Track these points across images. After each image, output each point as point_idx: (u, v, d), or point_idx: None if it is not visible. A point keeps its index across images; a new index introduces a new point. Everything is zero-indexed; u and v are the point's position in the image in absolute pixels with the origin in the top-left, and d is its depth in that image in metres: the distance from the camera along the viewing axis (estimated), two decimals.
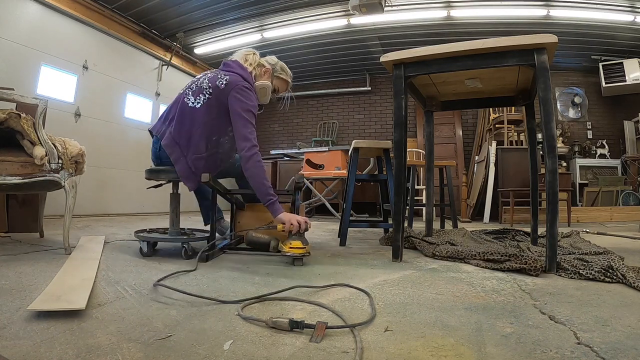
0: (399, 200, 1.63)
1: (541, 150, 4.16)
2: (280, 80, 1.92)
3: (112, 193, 4.47)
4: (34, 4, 3.69)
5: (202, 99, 1.66)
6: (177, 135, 1.67)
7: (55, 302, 0.88)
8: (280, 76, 1.91)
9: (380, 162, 2.66)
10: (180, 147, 1.66)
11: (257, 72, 1.84)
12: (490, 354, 0.65)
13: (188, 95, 1.70)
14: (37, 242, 1.97)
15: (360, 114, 6.79)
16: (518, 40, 1.44)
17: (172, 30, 5.05)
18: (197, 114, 1.66)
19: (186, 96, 1.70)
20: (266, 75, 1.86)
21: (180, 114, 1.69)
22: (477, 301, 0.99)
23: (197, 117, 1.66)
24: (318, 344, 0.70)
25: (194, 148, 1.65)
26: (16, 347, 0.65)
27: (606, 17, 4.35)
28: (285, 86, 1.97)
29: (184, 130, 1.66)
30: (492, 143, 4.53)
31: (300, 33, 5.01)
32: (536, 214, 2.01)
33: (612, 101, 5.61)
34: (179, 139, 1.66)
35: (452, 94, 2.18)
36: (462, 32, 4.72)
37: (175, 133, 1.67)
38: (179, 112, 1.70)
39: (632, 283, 1.13)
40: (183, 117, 1.68)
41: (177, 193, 1.76)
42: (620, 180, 5.01)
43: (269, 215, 1.62)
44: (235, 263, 1.53)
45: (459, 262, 1.59)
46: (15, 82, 3.11)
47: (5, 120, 1.54)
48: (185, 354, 0.65)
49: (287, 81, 1.96)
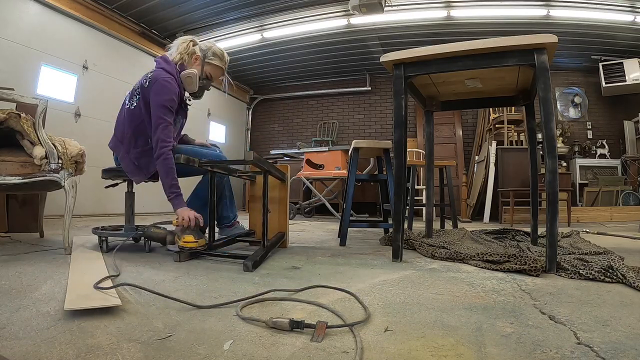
0: (399, 200, 1.63)
1: (541, 150, 4.16)
2: (212, 66, 1.86)
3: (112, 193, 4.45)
4: (34, 4, 3.70)
5: (135, 100, 1.76)
6: (120, 135, 1.81)
7: (89, 300, 0.89)
8: (212, 62, 1.85)
9: (380, 162, 2.66)
10: (123, 145, 1.79)
11: (187, 60, 1.82)
12: (490, 354, 0.65)
13: (127, 99, 1.82)
14: (37, 242, 1.97)
15: (360, 114, 6.79)
16: (518, 40, 1.44)
17: (172, 30, 5.05)
18: (130, 115, 1.76)
19: (126, 100, 1.82)
20: (196, 63, 1.83)
21: (120, 115, 1.84)
22: (477, 301, 0.99)
23: (130, 117, 1.76)
24: (319, 343, 0.70)
25: (133, 143, 1.76)
26: (16, 347, 0.65)
27: (606, 17, 4.35)
28: (219, 72, 1.90)
29: (124, 130, 1.79)
30: (492, 143, 4.53)
31: (300, 33, 5.01)
32: (536, 214, 2.01)
33: (612, 101, 5.61)
34: (121, 138, 1.80)
35: (452, 94, 2.17)
36: (462, 32, 4.72)
37: (118, 133, 1.83)
38: (120, 115, 1.86)
39: (632, 283, 1.13)
40: (122, 118, 1.82)
41: (131, 192, 1.92)
42: (620, 180, 5.01)
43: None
44: (233, 264, 1.52)
45: (458, 263, 1.59)
46: (15, 82, 3.11)
47: (5, 120, 1.54)
48: (185, 354, 0.65)
49: (219, 67, 1.88)
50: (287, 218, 2.07)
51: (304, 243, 2.29)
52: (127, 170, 1.79)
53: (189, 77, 1.79)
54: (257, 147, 7.33)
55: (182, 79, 1.79)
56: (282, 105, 7.28)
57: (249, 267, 1.37)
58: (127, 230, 1.84)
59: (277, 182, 2.05)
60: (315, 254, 1.83)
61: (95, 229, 1.82)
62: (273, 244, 1.78)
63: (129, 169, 1.78)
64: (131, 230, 1.84)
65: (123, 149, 1.79)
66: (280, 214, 2.05)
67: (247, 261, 1.39)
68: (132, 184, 1.90)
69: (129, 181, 1.90)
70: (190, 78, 1.79)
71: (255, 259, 1.43)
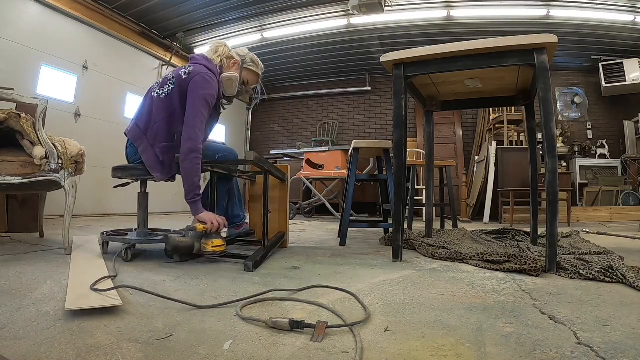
0: (399, 200, 1.63)
1: (541, 150, 4.16)
2: (250, 72, 1.88)
3: (112, 193, 4.45)
4: (34, 4, 3.70)
5: (167, 89, 1.65)
6: (144, 125, 1.67)
7: (89, 300, 0.89)
8: (250, 68, 1.87)
9: (380, 162, 2.66)
10: (147, 137, 1.65)
11: (226, 64, 1.81)
12: (490, 354, 0.65)
13: (155, 88, 1.71)
14: (37, 242, 1.97)
15: (360, 114, 6.78)
16: (518, 40, 1.44)
17: (172, 30, 5.05)
18: (161, 103, 1.65)
19: (153, 90, 1.72)
20: (235, 67, 1.83)
21: (147, 105, 1.70)
22: (477, 301, 0.99)
23: (161, 106, 1.65)
24: (319, 343, 0.70)
25: (160, 137, 1.64)
26: (16, 347, 0.65)
27: (606, 17, 4.35)
28: (256, 79, 1.94)
29: (150, 119, 1.66)
30: (492, 143, 4.53)
31: (300, 33, 5.01)
32: (536, 214, 2.01)
33: (612, 101, 5.61)
34: (145, 129, 1.66)
35: (452, 94, 2.17)
36: (462, 32, 4.72)
37: (141, 123, 1.68)
38: (143, 104, 1.73)
39: (632, 283, 1.13)
40: (149, 107, 1.68)
41: (145, 192, 1.74)
42: (620, 180, 5.01)
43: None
44: (233, 264, 1.52)
45: (458, 263, 1.59)
46: (15, 82, 3.11)
47: (5, 120, 1.54)
48: (185, 354, 0.65)
49: (257, 73, 1.92)
50: (287, 218, 2.07)
51: (304, 243, 2.29)
52: (149, 165, 1.64)
53: (230, 80, 1.77)
54: (257, 147, 7.33)
55: (222, 80, 1.77)
56: (282, 105, 7.28)
57: (249, 267, 1.37)
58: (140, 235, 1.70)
59: (277, 182, 2.05)
60: (315, 254, 1.83)
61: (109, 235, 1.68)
62: (273, 244, 1.77)
63: (150, 164, 1.64)
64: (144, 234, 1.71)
65: (147, 141, 1.65)
66: (281, 214, 2.05)
67: (247, 261, 1.39)
68: (146, 184, 1.75)
69: (142, 180, 1.74)
70: (232, 81, 1.78)
71: (256, 259, 1.43)
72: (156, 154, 1.63)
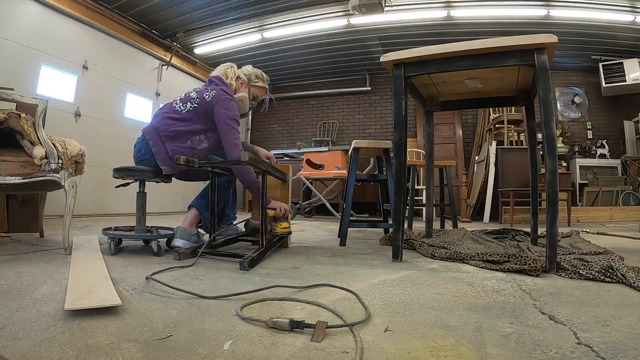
0: (399, 200, 1.63)
1: (541, 150, 4.16)
2: (257, 87, 2.09)
3: (112, 193, 4.46)
4: (34, 4, 3.69)
5: (189, 106, 1.85)
6: (162, 127, 1.82)
7: (89, 300, 0.89)
8: (256, 84, 2.08)
9: (380, 162, 2.66)
10: (160, 135, 1.81)
11: (236, 85, 2.00)
12: (490, 354, 0.65)
13: (177, 102, 1.90)
14: (37, 242, 1.97)
15: (360, 114, 6.78)
16: (518, 40, 1.44)
17: (172, 30, 5.05)
18: (183, 115, 1.85)
19: (175, 103, 1.90)
20: (243, 87, 2.03)
21: (167, 112, 1.88)
22: (477, 301, 0.99)
23: (182, 116, 1.85)
24: (319, 343, 0.70)
25: (175, 139, 1.81)
26: (16, 347, 0.65)
27: (606, 17, 4.35)
28: (263, 92, 2.14)
29: (168, 124, 1.82)
30: (492, 143, 4.53)
31: (300, 33, 5.01)
32: (536, 214, 2.01)
33: (612, 101, 5.61)
34: (162, 130, 1.82)
35: (452, 94, 2.17)
36: (462, 32, 4.72)
37: (158, 125, 1.84)
38: (162, 110, 1.92)
39: (632, 283, 1.13)
40: (169, 114, 1.86)
41: (143, 192, 1.84)
42: (620, 180, 5.01)
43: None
44: (233, 264, 1.53)
45: (458, 263, 1.59)
46: (15, 82, 3.11)
47: (5, 120, 1.54)
48: (185, 354, 0.65)
49: (263, 87, 2.12)
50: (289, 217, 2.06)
51: (304, 243, 2.29)
52: (159, 158, 1.80)
53: (241, 100, 1.96)
54: None
55: (237, 101, 1.94)
56: (282, 105, 7.27)
57: (244, 266, 1.38)
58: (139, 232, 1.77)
59: (278, 182, 2.05)
60: (315, 253, 1.84)
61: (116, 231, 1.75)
62: (272, 243, 1.78)
63: (160, 157, 1.80)
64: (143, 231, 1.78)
65: (158, 137, 1.82)
66: None
67: (243, 260, 1.40)
68: (144, 184, 1.85)
69: (141, 180, 1.84)
70: (243, 101, 1.97)
71: (252, 258, 1.44)
72: (167, 150, 1.81)
